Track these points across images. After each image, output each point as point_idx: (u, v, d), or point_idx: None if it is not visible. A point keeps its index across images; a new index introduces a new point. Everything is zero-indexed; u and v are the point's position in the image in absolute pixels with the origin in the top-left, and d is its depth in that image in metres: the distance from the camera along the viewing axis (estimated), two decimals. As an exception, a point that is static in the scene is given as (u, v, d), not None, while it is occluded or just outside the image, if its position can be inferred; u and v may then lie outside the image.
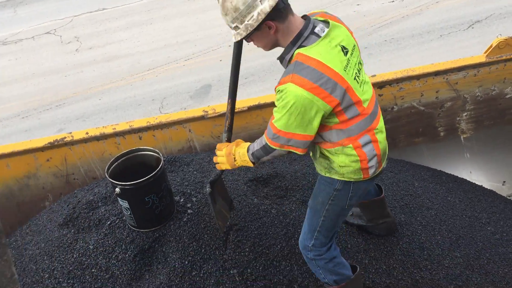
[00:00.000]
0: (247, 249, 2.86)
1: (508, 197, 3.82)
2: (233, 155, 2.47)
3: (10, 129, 6.59)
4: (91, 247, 2.99)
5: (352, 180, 2.32)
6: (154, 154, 3.05)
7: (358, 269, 2.62)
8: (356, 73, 2.16)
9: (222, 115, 3.78)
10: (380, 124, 2.34)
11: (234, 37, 2.14)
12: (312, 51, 2.04)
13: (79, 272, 2.88)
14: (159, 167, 2.87)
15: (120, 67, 7.67)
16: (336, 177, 2.33)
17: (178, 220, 3.01)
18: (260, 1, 2.01)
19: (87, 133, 3.82)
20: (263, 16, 2.01)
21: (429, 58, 6.23)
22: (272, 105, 3.78)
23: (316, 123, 2.07)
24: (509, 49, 3.85)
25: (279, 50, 2.22)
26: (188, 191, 3.23)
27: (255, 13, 2.02)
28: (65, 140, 3.80)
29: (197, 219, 3.01)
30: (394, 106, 3.99)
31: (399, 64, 6.23)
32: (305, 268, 2.81)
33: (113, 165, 3.01)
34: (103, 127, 3.86)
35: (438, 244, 3.06)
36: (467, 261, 3.01)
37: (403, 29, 7.24)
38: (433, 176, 3.84)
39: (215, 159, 2.60)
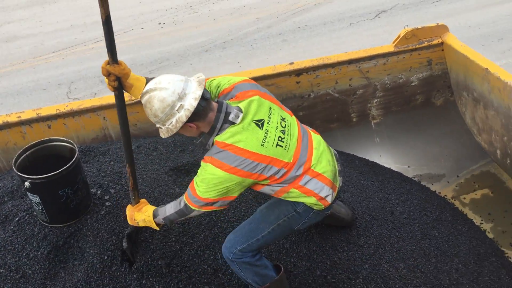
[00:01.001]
0: (173, 239, 2.80)
1: (413, 179, 4.10)
2: (135, 220, 2.57)
3: None
4: (-3, 246, 2.76)
5: (315, 208, 2.42)
6: (68, 144, 2.87)
7: (282, 269, 2.62)
8: (279, 136, 2.25)
9: (138, 102, 3.62)
10: (316, 155, 2.37)
11: (160, 133, 2.23)
12: (227, 137, 2.16)
13: (-15, 274, 2.66)
14: (74, 158, 2.71)
15: (20, 48, 7.12)
16: (299, 201, 2.40)
17: (96, 214, 2.87)
18: (177, 110, 2.11)
19: (-12, 122, 3.51)
20: (180, 124, 2.13)
21: (340, 45, 6.48)
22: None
23: (236, 192, 2.23)
24: (415, 39, 4.10)
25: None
26: (106, 182, 3.09)
27: (173, 120, 2.13)
28: (-38, 129, 3.46)
29: (116, 211, 2.89)
30: (311, 93, 4.10)
31: (313, 51, 6.41)
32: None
33: (21, 157, 2.78)
34: (7, 115, 3.57)
35: (354, 225, 3.21)
36: (380, 240, 3.19)
37: (315, 16, 7.44)
38: (347, 161, 4.02)
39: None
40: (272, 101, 2.36)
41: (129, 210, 2.61)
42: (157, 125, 2.22)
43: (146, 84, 2.32)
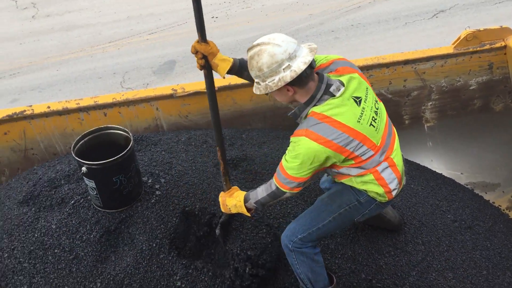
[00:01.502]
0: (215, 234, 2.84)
1: (466, 186, 3.96)
2: (227, 206, 2.58)
3: (-40, 98, 6.23)
4: (53, 226, 2.88)
5: (377, 200, 2.41)
6: (123, 133, 2.95)
7: (335, 281, 2.60)
8: (373, 116, 2.25)
9: (191, 94, 3.71)
10: (396, 144, 2.42)
11: (254, 88, 2.25)
12: (325, 109, 2.16)
13: (41, 252, 2.78)
14: (129, 146, 2.78)
15: (80, 37, 7.37)
16: (363, 191, 2.41)
17: (146, 202, 2.95)
18: (283, 69, 2.11)
19: (48, 107, 3.66)
20: (282, 83, 2.12)
21: (394, 45, 6.33)
22: (241, 86, 3.73)
23: (323, 167, 2.23)
24: (476, 41, 3.95)
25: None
26: (156, 171, 3.16)
27: (276, 78, 2.13)
28: (24, 113, 3.62)
29: (165, 201, 2.95)
30: (363, 93, 4.02)
31: (366, 49, 6.29)
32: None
33: (80, 143, 2.89)
34: (66, 101, 3.70)
35: (402, 230, 3.14)
36: (428, 248, 3.10)
37: (370, 14, 7.30)
38: (397, 164, 3.93)
39: None
40: (368, 82, 2.37)
41: (221, 196, 2.63)
42: (256, 80, 2.22)
43: (233, 64, 2.39)
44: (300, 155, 2.13)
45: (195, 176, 3.16)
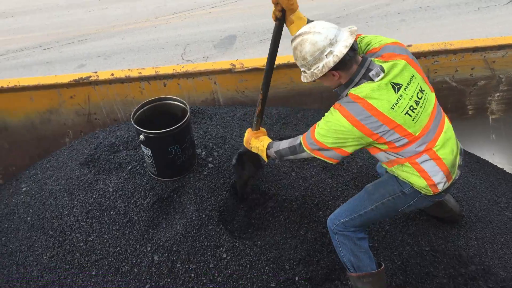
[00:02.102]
0: (268, 211, 2.87)
1: (528, 184, 3.77)
2: (250, 145, 2.72)
3: (31, 59, 6.55)
4: (110, 189, 3.02)
5: (422, 192, 2.37)
6: (181, 104, 3.02)
7: (383, 266, 2.60)
8: (411, 106, 2.21)
9: (249, 70, 3.72)
10: (442, 138, 2.32)
11: (301, 77, 2.31)
12: (361, 91, 2.17)
13: (98, 213, 2.93)
14: (186, 118, 2.85)
15: (145, 7, 7.53)
16: (408, 183, 2.38)
17: (198, 173, 3.02)
18: (326, 55, 2.16)
19: (112, 74, 3.78)
20: (327, 69, 2.17)
21: (463, 31, 6.03)
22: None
23: (351, 147, 2.24)
24: (555, 32, 3.69)
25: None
26: (210, 145, 3.22)
27: (320, 65, 2.19)
28: (90, 79, 3.77)
29: (217, 174, 3.01)
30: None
31: (433, 34, 6.04)
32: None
33: (139, 111, 2.98)
34: (129, 70, 3.82)
35: (456, 224, 3.05)
36: (482, 244, 3.00)
37: (440, -3, 6.97)
38: (456, 155, 3.79)
39: None
40: (418, 70, 2.31)
41: (248, 133, 2.75)
42: (302, 69, 2.29)
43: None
44: (329, 123, 2.20)
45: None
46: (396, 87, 2.19)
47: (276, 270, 2.70)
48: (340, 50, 2.14)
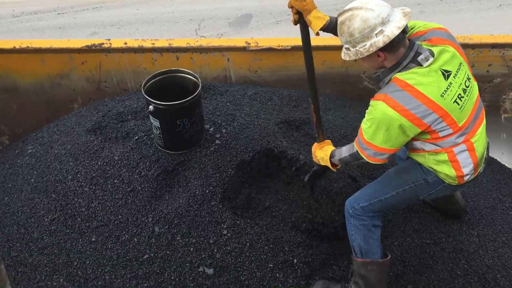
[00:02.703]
0: (271, 192, 2.87)
1: (535, 186, 3.74)
2: (316, 157, 2.63)
3: (44, 23, 6.53)
4: (116, 158, 3.01)
5: (445, 182, 2.32)
6: (193, 78, 2.99)
7: (389, 256, 2.57)
8: (459, 94, 2.14)
9: (264, 49, 3.67)
10: (481, 130, 2.28)
11: (342, 54, 2.21)
12: (409, 77, 2.09)
13: (101, 180, 2.93)
14: (196, 92, 2.82)
15: (162, -21, 7.45)
16: (432, 171, 2.33)
17: (205, 149, 3.01)
18: (375, 34, 2.06)
19: (125, 43, 3.75)
20: (374, 49, 2.07)
21: (483, 27, 5.93)
22: (315, 48, 3.64)
23: (402, 140, 2.15)
24: None
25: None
26: (219, 121, 3.20)
27: (367, 44, 2.08)
28: (102, 46, 3.74)
29: (224, 151, 3.00)
30: (441, 73, 3.82)
31: (451, 28, 5.86)
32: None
33: (150, 82, 2.96)
34: (142, 40, 3.78)
35: (458, 219, 3.03)
36: (483, 241, 2.99)
37: (462, -9, 6.84)
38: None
39: None
40: (464, 58, 2.25)
41: (314, 147, 2.69)
42: (345, 46, 2.18)
43: (329, 22, 2.36)
44: (375, 120, 2.10)
45: (256, 132, 3.18)
46: (446, 74, 2.11)
47: (275, 250, 2.70)
48: (392, 30, 2.04)
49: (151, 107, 2.78)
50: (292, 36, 3.78)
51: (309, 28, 2.43)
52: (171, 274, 2.62)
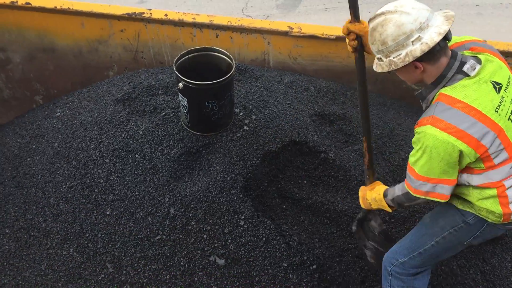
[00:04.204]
0: (296, 188, 2.74)
1: None
2: (367, 200, 2.29)
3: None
4: (140, 132, 2.93)
5: (488, 220, 2.00)
6: (227, 59, 2.86)
7: None
8: None
9: (307, 36, 3.50)
10: None
11: (375, 65, 1.96)
12: (457, 91, 1.82)
13: (123, 153, 2.86)
14: (229, 74, 2.69)
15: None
16: (471, 211, 2.01)
17: (232, 134, 2.88)
18: (412, 42, 1.80)
19: (166, 15, 3.65)
20: (411, 59, 1.81)
21: (546, 37, 5.53)
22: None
23: (460, 167, 1.87)
24: None
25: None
26: (250, 106, 3.06)
27: (403, 53, 1.83)
28: (143, 15, 3.65)
29: (251, 138, 2.87)
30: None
31: (508, 34, 5.57)
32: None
33: (183, 58, 2.85)
34: (183, 13, 3.67)
35: (492, 241, 2.83)
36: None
37: (529, -4, 6.41)
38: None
39: None
40: (511, 72, 1.97)
41: (362, 190, 2.35)
42: (377, 56, 1.94)
43: None
44: (427, 149, 1.81)
45: (287, 122, 3.03)
46: (497, 86, 1.84)
47: (293, 250, 2.57)
48: (432, 37, 1.77)
49: (180, 85, 2.68)
50: (337, 25, 3.59)
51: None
52: (181, 259, 2.54)
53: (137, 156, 2.83)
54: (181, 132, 2.90)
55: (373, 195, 2.25)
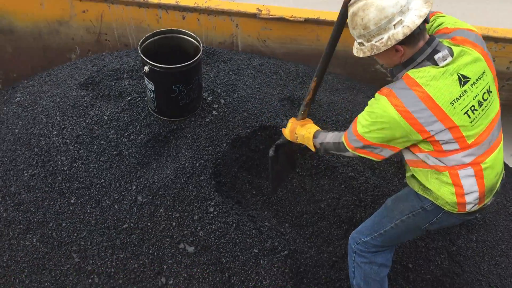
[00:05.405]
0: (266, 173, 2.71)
1: (542, 194, 3.57)
2: (295, 134, 2.34)
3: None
4: (105, 117, 2.84)
5: (445, 208, 2.03)
6: (194, 41, 2.78)
7: None
8: (473, 105, 1.87)
9: (275, 18, 3.45)
10: (493, 158, 1.96)
11: (355, 50, 1.97)
12: (420, 75, 1.84)
13: (87, 140, 2.76)
14: (197, 57, 2.62)
15: None
16: (429, 198, 2.06)
17: (200, 119, 2.83)
18: (394, 25, 1.80)
19: (130, -4, 3.53)
20: (393, 42, 1.81)
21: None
22: (330, 23, 3.42)
23: (400, 144, 1.92)
24: None
25: None
26: (219, 91, 3.00)
27: (385, 37, 1.83)
28: (106, -4, 3.52)
29: (220, 123, 2.82)
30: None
31: (472, 17, 5.63)
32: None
33: (148, 40, 2.76)
34: (148, -6, 3.56)
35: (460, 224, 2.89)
36: (481, 247, 2.84)
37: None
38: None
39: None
40: (491, 68, 1.97)
41: (293, 122, 2.38)
42: (358, 41, 1.92)
43: None
44: (373, 114, 1.87)
45: (257, 106, 2.99)
46: (463, 79, 1.85)
47: (264, 236, 2.55)
48: (413, 20, 1.77)
49: (146, 68, 2.59)
50: (307, 8, 3.56)
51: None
52: (149, 247, 2.49)
53: (102, 142, 2.74)
54: (148, 118, 2.82)
55: (302, 131, 2.30)
